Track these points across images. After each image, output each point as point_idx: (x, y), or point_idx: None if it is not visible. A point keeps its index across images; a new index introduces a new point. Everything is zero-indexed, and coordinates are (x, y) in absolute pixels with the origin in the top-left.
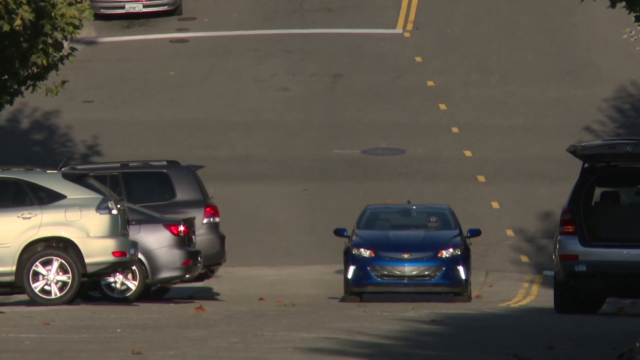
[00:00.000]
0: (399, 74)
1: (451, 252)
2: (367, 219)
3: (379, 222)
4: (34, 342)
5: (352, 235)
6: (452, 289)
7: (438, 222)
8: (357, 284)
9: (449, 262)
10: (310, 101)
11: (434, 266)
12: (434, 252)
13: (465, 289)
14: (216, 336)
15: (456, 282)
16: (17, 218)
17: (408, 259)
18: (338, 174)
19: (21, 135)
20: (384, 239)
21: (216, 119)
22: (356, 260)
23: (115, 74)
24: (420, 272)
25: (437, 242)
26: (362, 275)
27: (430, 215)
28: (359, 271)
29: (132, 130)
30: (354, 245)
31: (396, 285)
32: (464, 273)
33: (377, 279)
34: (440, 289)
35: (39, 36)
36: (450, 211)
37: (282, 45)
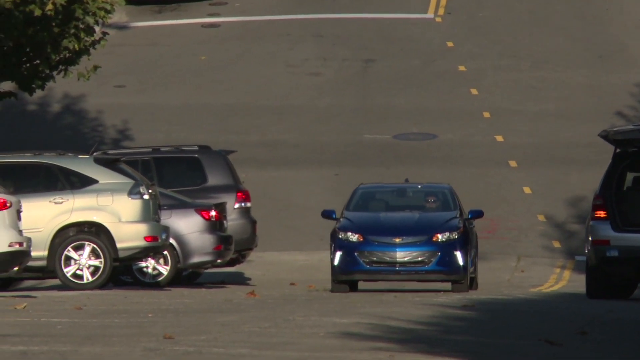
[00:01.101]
0: (431, 59)
1: (447, 235)
2: (357, 200)
3: (371, 202)
4: (65, 326)
5: (340, 218)
6: (448, 277)
7: (436, 202)
8: (344, 271)
9: (445, 246)
10: (341, 86)
11: (428, 251)
12: (428, 235)
13: (463, 277)
14: (248, 321)
15: (453, 269)
16: (49, 203)
17: (399, 244)
18: (369, 158)
19: (52, 119)
20: (374, 221)
21: (247, 104)
22: (343, 245)
23: (147, 58)
24: (413, 258)
25: (432, 224)
26: (349, 262)
27: (427, 195)
28: (346, 257)
29: (164, 115)
30: (341, 229)
31: (386, 273)
32: (461, 259)
33: (365, 265)
34: (435, 276)
35: (71, 21)
36: (451, 191)
37: (314, 30)
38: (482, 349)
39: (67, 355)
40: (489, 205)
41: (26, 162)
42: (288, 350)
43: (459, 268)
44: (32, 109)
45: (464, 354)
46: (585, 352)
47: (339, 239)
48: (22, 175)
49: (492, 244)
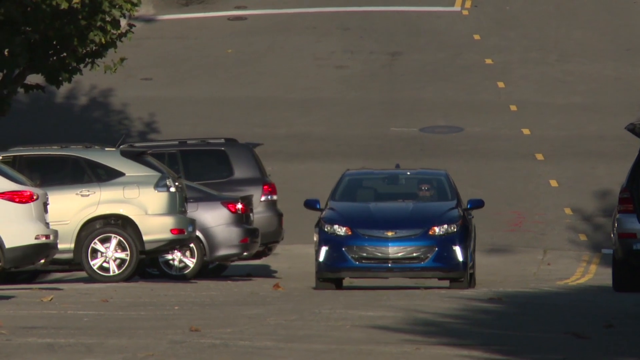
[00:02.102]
0: (458, 51)
1: (445, 228)
2: (344, 188)
3: (359, 191)
4: (92, 318)
5: (325, 208)
6: (446, 274)
7: (431, 191)
8: (330, 269)
9: (443, 241)
10: (368, 79)
11: (424, 246)
12: (424, 228)
13: (462, 274)
14: (274, 314)
15: (451, 266)
16: (76, 195)
17: (392, 238)
18: (396, 151)
19: (79, 112)
20: (364, 212)
21: (274, 97)
22: (329, 239)
23: (174, 51)
24: (408, 254)
25: (428, 216)
26: (336, 258)
27: (421, 183)
28: (333, 253)
29: (190, 108)
30: (327, 221)
31: (377, 270)
32: (461, 254)
33: (354, 262)
34: (431, 273)
35: (97, 14)
36: (447, 178)
37: (341, 23)
38: (508, 342)
39: (93, 347)
40: (516, 198)
41: (53, 155)
42: (314, 343)
43: (458, 264)
44: (59, 102)
45: (491, 347)
46: (612, 345)
47: (324, 232)
48: (49, 168)
49: (519, 237)
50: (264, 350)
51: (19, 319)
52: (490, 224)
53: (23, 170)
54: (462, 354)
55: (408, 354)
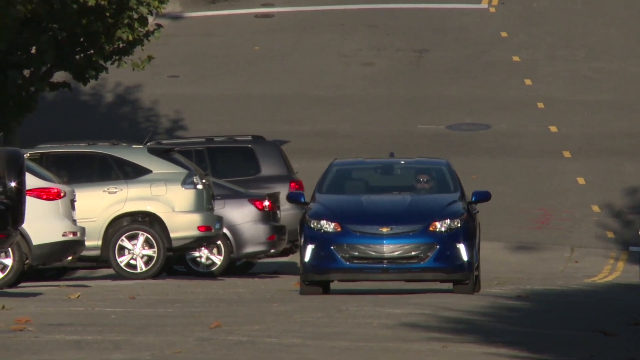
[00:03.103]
0: (484, 49)
1: (448, 224)
2: (332, 179)
3: (349, 182)
4: (119, 315)
5: (311, 202)
6: (449, 276)
7: (431, 182)
8: (317, 270)
9: (445, 238)
10: (394, 76)
11: (424, 244)
12: (423, 224)
13: (467, 275)
14: (300, 311)
15: (455, 266)
16: (103, 192)
17: (387, 235)
18: (422, 149)
19: (106, 110)
20: (355, 206)
21: (300, 94)
22: (316, 236)
23: (200, 49)
24: (405, 253)
25: (428, 210)
26: (324, 258)
27: (419, 173)
28: (320, 252)
29: (217, 105)
30: (313, 216)
31: (371, 271)
32: (465, 253)
33: (344, 262)
34: (432, 275)
35: (125, 11)
36: (449, 167)
37: (367, 20)
38: (536, 339)
39: (121, 344)
40: (543, 195)
41: (80, 152)
42: (341, 340)
43: (463, 265)
44: (85, 99)
45: (518, 345)
46: None
47: (310, 229)
48: (76, 165)
49: (546, 235)
50: (290, 348)
51: (46, 316)
52: (517, 221)
53: (50, 168)
54: (489, 351)
55: (435, 351)
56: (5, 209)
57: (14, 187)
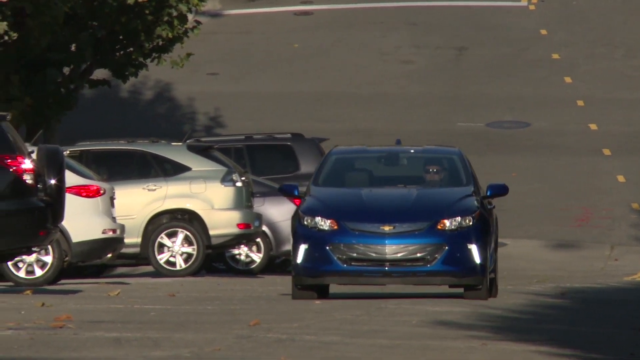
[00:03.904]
0: (524, 46)
1: (459, 221)
2: (329, 170)
3: (349, 174)
4: (158, 313)
5: (305, 196)
6: (459, 280)
7: (441, 174)
8: (310, 273)
9: (455, 237)
10: (434, 74)
11: (431, 244)
12: (431, 222)
13: (480, 280)
14: (340, 308)
15: (466, 270)
16: (143, 190)
17: (390, 234)
18: (461, 147)
19: (145, 107)
20: (354, 201)
21: (339, 92)
22: (309, 235)
23: (240, 46)
24: (410, 255)
25: (436, 205)
26: (318, 259)
27: (428, 163)
28: (314, 252)
29: (256, 103)
30: (306, 212)
31: (371, 275)
32: (478, 255)
33: (341, 264)
34: (440, 279)
35: (164, 8)
36: (461, 157)
37: (407, 18)
38: (575, 337)
39: (160, 341)
40: (582, 193)
41: (120, 150)
42: (380, 338)
43: (475, 268)
44: (125, 97)
45: (557, 343)
46: None
47: (303, 227)
48: (116, 163)
49: (585, 233)
50: (329, 345)
51: (86, 313)
52: (557, 219)
53: (90, 165)
54: (529, 349)
55: (474, 349)
56: (45, 206)
57: (54, 184)
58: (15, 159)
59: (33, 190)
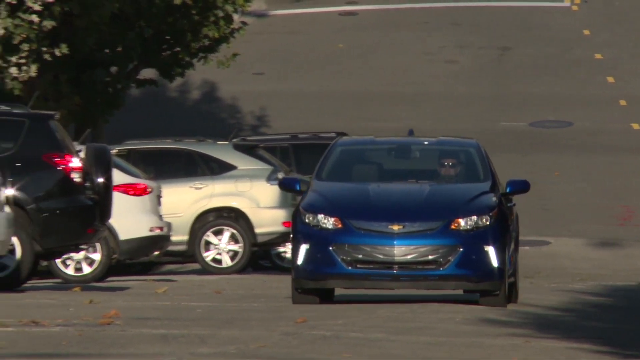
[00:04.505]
0: (567, 47)
1: (474, 221)
2: (334, 163)
3: (355, 167)
4: (205, 310)
5: (307, 191)
6: (475, 285)
7: (457, 168)
8: (312, 275)
9: (471, 238)
10: (477, 74)
11: (444, 246)
12: (444, 221)
13: (497, 285)
14: (384, 306)
15: (482, 274)
16: (190, 188)
17: (399, 234)
18: (505, 146)
19: (192, 106)
20: (360, 197)
21: (384, 91)
22: (311, 234)
23: (285, 46)
24: (420, 257)
25: (451, 203)
26: (320, 261)
27: (443, 157)
28: (316, 253)
29: (301, 102)
30: (308, 209)
31: (378, 278)
32: (495, 258)
33: (345, 267)
34: (453, 284)
35: (210, 9)
36: (479, 150)
37: (451, 18)
38: (617, 335)
39: (206, 338)
40: (625, 192)
41: (167, 149)
42: (424, 335)
43: (492, 272)
44: (171, 96)
45: (600, 340)
46: None
47: (304, 225)
48: (163, 161)
49: (628, 231)
50: (374, 342)
51: (133, 309)
52: (599, 218)
53: (137, 164)
54: (571, 346)
55: (518, 346)
56: (93, 204)
57: (102, 183)
58: (63, 158)
59: (81, 188)
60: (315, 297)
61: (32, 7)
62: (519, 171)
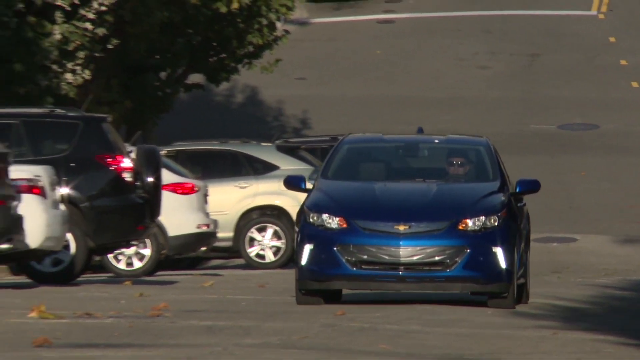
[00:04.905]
0: (594, 53)
1: (482, 221)
2: (340, 161)
3: (362, 165)
4: (249, 303)
5: (311, 190)
6: (482, 287)
7: (466, 166)
8: (316, 276)
9: (479, 239)
10: (508, 79)
11: (451, 247)
12: (451, 221)
13: (506, 287)
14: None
15: (490, 276)
16: (235, 187)
17: (405, 234)
18: (534, 147)
19: (236, 109)
20: (365, 197)
21: (420, 96)
22: (315, 234)
23: (326, 52)
24: (427, 258)
25: (458, 203)
26: (324, 262)
27: (452, 156)
28: (320, 254)
29: (341, 106)
30: (312, 208)
31: (383, 280)
32: (504, 259)
33: (350, 268)
34: (461, 285)
35: (255, 17)
36: (489, 149)
37: (483, 26)
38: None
39: (251, 330)
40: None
41: (213, 150)
42: (458, 327)
43: (500, 274)
44: (217, 100)
45: (625, 333)
46: None
47: (308, 225)
48: (209, 162)
49: None
50: (410, 334)
51: (182, 302)
52: (625, 216)
53: (185, 164)
54: (597, 338)
55: (546, 338)
56: (143, 202)
57: (151, 182)
58: (115, 159)
59: (132, 187)
60: (320, 299)
61: (85, 15)
62: (547, 172)
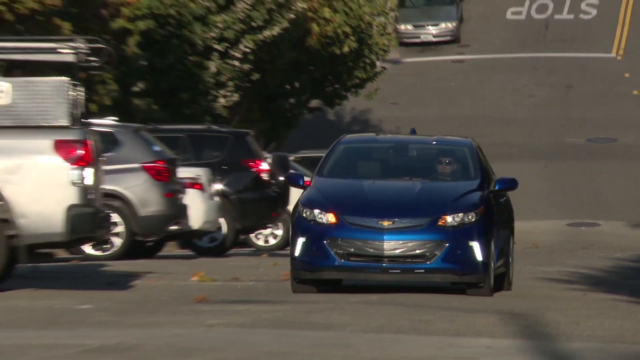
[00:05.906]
0: (613, 84)
1: (461, 217)
2: (336, 160)
3: (354, 165)
4: None
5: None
6: (460, 278)
7: (454, 165)
8: (308, 267)
9: (457, 234)
10: (549, 103)
11: (431, 241)
12: (431, 217)
13: (482, 277)
14: None
15: (466, 267)
16: None
17: (389, 229)
18: (568, 155)
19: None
20: (355, 194)
21: (484, 116)
22: (308, 228)
23: (413, 84)
24: (408, 251)
25: (439, 201)
26: (315, 254)
27: (440, 155)
28: (312, 246)
29: (425, 124)
30: (306, 204)
31: (369, 271)
32: (480, 252)
33: (338, 259)
34: (440, 276)
35: (360, 58)
36: (472, 149)
37: (531, 64)
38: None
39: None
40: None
41: None
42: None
43: (477, 266)
44: (331, 119)
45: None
46: None
47: (301, 219)
48: None
49: None
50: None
51: None
52: (637, 206)
53: (308, 167)
54: (616, 298)
55: (577, 298)
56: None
57: (282, 180)
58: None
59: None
60: (313, 287)
61: (234, 55)
62: (578, 174)
